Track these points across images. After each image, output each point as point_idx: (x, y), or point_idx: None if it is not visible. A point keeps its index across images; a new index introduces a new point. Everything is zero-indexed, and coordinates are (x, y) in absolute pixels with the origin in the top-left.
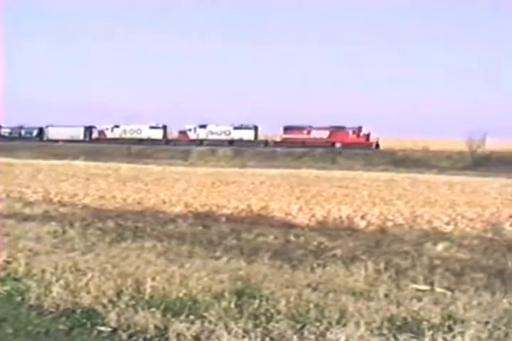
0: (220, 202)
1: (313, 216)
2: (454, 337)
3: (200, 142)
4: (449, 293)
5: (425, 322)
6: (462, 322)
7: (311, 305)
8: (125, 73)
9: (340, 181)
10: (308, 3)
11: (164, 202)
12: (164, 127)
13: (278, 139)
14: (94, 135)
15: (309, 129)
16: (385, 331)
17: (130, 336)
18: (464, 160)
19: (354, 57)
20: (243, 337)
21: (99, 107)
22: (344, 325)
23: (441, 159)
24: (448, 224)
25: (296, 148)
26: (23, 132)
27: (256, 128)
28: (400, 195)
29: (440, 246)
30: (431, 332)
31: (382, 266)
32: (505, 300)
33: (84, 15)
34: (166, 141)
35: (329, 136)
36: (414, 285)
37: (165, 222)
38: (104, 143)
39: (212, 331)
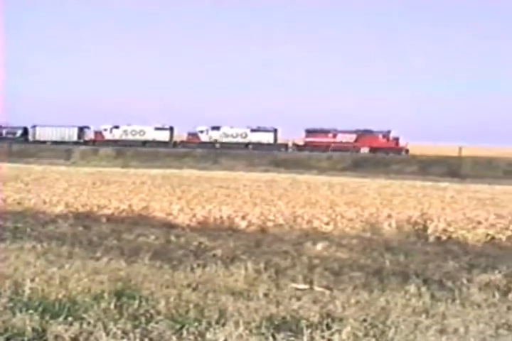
0: (100, 202)
1: (194, 216)
2: (331, 334)
3: (212, 145)
4: (327, 292)
5: (304, 321)
6: (340, 320)
7: (191, 305)
8: (123, 73)
9: (221, 181)
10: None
11: (45, 202)
12: (171, 128)
13: (300, 143)
14: (89, 136)
15: (335, 132)
16: (263, 330)
17: (7, 339)
18: (343, 161)
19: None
20: (122, 337)
21: (93, 107)
22: (223, 325)
23: (321, 160)
24: (328, 224)
25: (320, 152)
26: (3, 132)
27: (275, 130)
28: (280, 196)
29: (319, 246)
30: (309, 331)
31: (262, 265)
32: (382, 298)
33: (83, 13)
34: (173, 143)
35: (356, 140)
36: (294, 285)
37: (45, 223)
38: (101, 145)
39: (91, 332)
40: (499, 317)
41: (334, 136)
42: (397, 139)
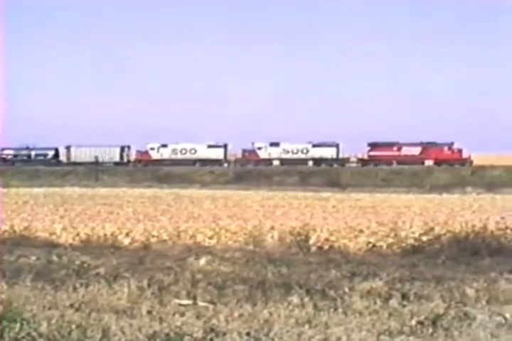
0: None
1: (77, 234)
2: None
3: (269, 162)
4: (211, 306)
5: (187, 337)
6: (224, 334)
7: (73, 326)
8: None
9: (104, 199)
10: None
11: None
12: (225, 146)
13: (364, 157)
14: (131, 156)
15: (399, 146)
16: None
17: None
18: (226, 174)
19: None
20: None
21: (128, 126)
22: None
23: (204, 174)
24: (211, 238)
25: (385, 165)
26: (32, 154)
27: (337, 145)
28: (164, 211)
29: (203, 260)
30: None
31: (145, 282)
32: (265, 310)
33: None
34: (234, 160)
35: (421, 153)
36: (177, 301)
37: None
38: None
39: None
40: (381, 323)
41: (399, 149)
42: (460, 151)
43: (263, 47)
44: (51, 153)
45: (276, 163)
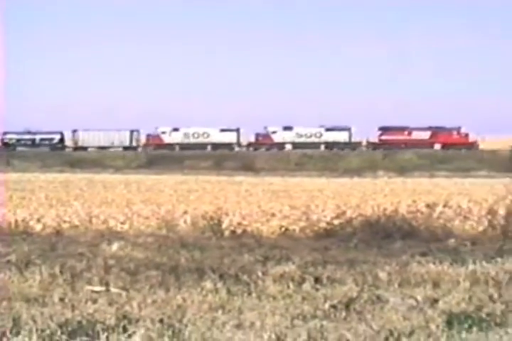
0: None
1: None
2: (128, 337)
3: (282, 146)
4: (124, 293)
5: (100, 324)
6: (137, 321)
7: None
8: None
9: (16, 184)
10: None
11: None
12: (237, 130)
13: (375, 141)
14: (141, 140)
15: (410, 130)
16: (57, 337)
17: None
18: (138, 158)
19: None
20: None
21: (133, 111)
22: (17, 334)
23: (117, 158)
24: (123, 223)
25: (395, 149)
26: (37, 138)
27: (349, 129)
28: (76, 196)
29: (115, 246)
30: (105, 334)
31: (57, 269)
32: (179, 296)
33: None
34: (246, 144)
35: (431, 137)
36: (90, 287)
37: None
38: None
39: None
40: (294, 307)
41: (409, 133)
42: (467, 135)
43: (272, 31)
44: (57, 137)
45: (288, 147)
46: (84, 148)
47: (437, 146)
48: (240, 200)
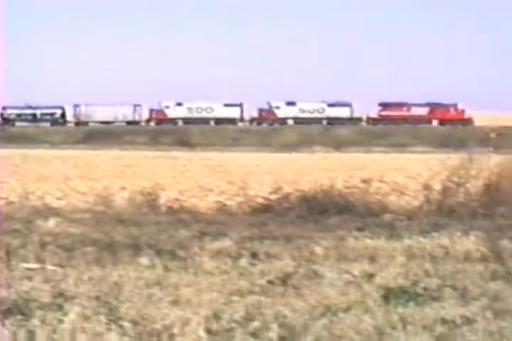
0: None
1: None
2: (64, 314)
3: (284, 121)
4: (59, 270)
5: (35, 302)
6: (73, 298)
7: None
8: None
9: None
10: None
11: None
12: (240, 105)
13: (375, 116)
14: (145, 115)
15: (409, 106)
16: None
17: None
18: (75, 134)
19: None
20: None
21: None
22: None
23: (52, 133)
24: (60, 199)
25: (395, 125)
26: (38, 113)
27: (350, 105)
28: (11, 172)
29: (51, 222)
30: (41, 312)
31: None
32: (115, 273)
33: None
34: (249, 120)
35: (429, 113)
36: (25, 265)
37: None
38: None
39: None
40: (231, 283)
41: (408, 109)
42: (463, 111)
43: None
44: (59, 112)
45: (290, 122)
46: (86, 123)
47: (435, 122)
48: (177, 176)
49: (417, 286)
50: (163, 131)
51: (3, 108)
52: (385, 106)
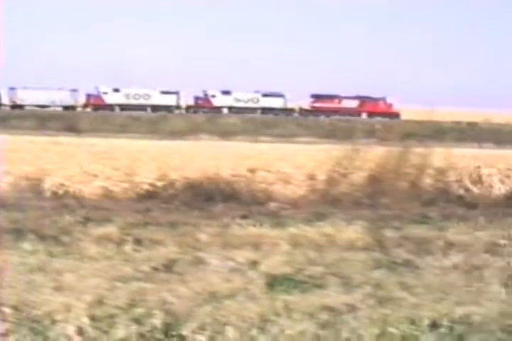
0: None
1: None
2: None
3: (219, 110)
4: None
5: None
6: None
7: None
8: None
9: None
10: None
11: None
12: (177, 93)
13: (307, 108)
14: (82, 100)
15: (340, 98)
16: None
17: None
18: None
19: None
20: None
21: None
22: None
23: None
24: None
25: (326, 116)
26: None
27: (284, 96)
28: None
29: None
30: None
31: None
32: None
33: None
34: (185, 107)
35: (359, 106)
36: None
37: None
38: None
39: None
40: (114, 269)
41: (339, 101)
42: (391, 105)
43: None
44: None
45: (224, 110)
46: (22, 107)
47: (364, 115)
48: (62, 161)
49: (301, 274)
50: (50, 116)
51: None
52: (317, 97)
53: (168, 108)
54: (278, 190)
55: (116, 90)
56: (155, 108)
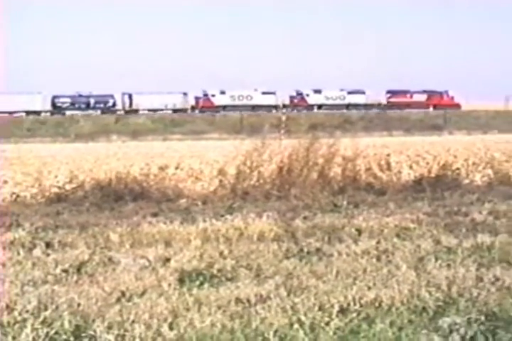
0: None
1: None
2: None
3: (319, 107)
4: None
5: None
6: None
7: None
8: None
9: None
10: None
11: None
12: (274, 93)
13: (384, 103)
14: (191, 102)
15: (411, 93)
16: None
17: None
18: None
19: None
20: None
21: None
22: None
23: None
24: None
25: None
26: (92, 101)
27: (364, 92)
28: None
29: None
30: None
31: None
32: None
33: None
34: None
35: (427, 99)
36: None
37: None
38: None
39: None
40: (24, 274)
41: (411, 96)
42: (453, 98)
43: None
44: (111, 100)
45: (314, 108)
46: (136, 111)
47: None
48: None
49: (212, 268)
50: None
51: (54, 97)
52: (392, 93)
53: (267, 107)
54: (189, 186)
55: (223, 92)
56: (255, 108)
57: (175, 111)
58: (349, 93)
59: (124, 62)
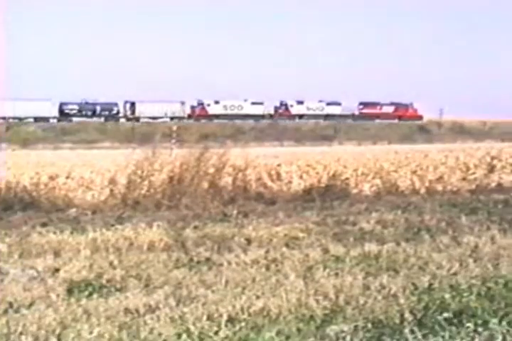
0: None
1: None
2: None
3: (300, 116)
4: None
5: None
6: None
7: None
8: None
9: None
10: None
11: None
12: (262, 103)
13: (357, 113)
14: (187, 111)
15: (381, 105)
16: None
17: None
18: None
19: None
20: None
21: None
22: None
23: None
24: None
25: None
26: (98, 108)
27: (340, 104)
28: None
29: None
30: None
31: None
32: None
33: None
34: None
35: (394, 111)
36: None
37: None
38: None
39: None
40: None
41: (380, 108)
42: (416, 110)
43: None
44: (116, 108)
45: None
46: (137, 119)
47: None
48: None
49: (102, 278)
50: None
51: (62, 104)
52: (364, 105)
53: (256, 117)
54: (79, 196)
55: (217, 102)
56: (245, 117)
57: (172, 119)
58: (327, 104)
59: (128, 71)
